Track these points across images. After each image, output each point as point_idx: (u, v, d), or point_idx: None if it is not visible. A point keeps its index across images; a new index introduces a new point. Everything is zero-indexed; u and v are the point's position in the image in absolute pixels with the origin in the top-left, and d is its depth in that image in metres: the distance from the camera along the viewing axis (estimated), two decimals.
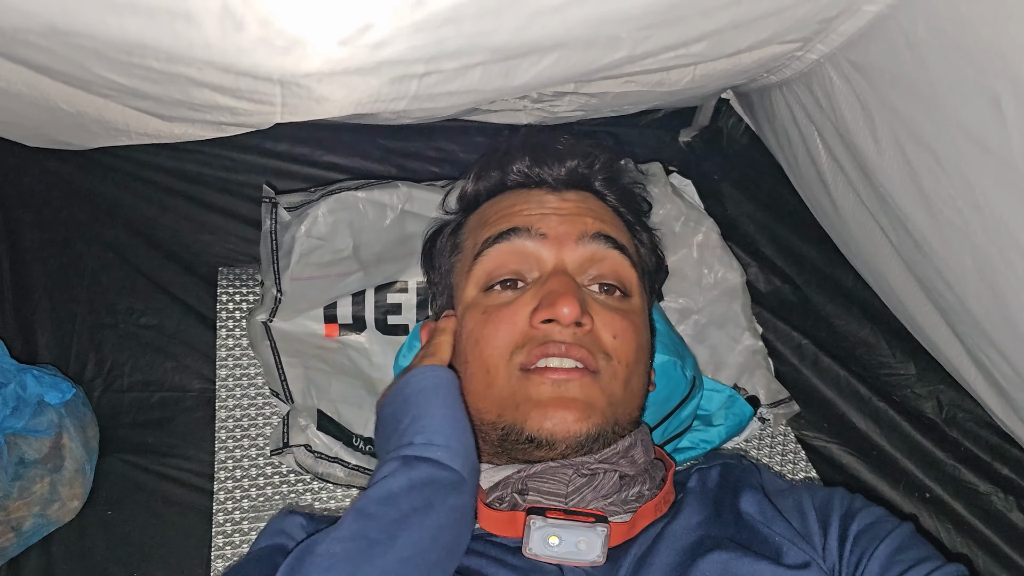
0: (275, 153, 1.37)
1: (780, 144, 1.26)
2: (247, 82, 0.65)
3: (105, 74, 0.68)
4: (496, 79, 0.72)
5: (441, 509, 0.73)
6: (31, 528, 1.02)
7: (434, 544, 0.71)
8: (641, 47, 0.73)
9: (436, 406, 0.81)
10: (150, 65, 0.64)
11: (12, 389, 1.02)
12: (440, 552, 0.71)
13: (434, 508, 0.72)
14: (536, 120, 1.19)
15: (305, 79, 0.63)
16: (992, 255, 0.80)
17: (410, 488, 0.73)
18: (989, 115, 0.69)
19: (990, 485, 1.23)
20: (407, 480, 0.73)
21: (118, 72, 0.67)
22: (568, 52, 0.71)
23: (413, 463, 0.75)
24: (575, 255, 0.89)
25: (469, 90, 0.73)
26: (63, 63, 0.68)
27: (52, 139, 0.99)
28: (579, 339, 0.82)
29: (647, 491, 0.84)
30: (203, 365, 1.22)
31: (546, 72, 0.73)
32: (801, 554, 0.75)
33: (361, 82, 0.65)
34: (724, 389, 1.20)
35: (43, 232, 1.26)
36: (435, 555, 0.70)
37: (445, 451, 0.76)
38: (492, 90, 0.74)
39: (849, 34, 0.84)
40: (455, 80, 0.70)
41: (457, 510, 0.74)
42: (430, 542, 0.70)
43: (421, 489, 0.73)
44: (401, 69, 0.65)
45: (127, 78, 0.68)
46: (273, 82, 0.64)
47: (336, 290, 1.20)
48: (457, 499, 0.75)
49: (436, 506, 0.72)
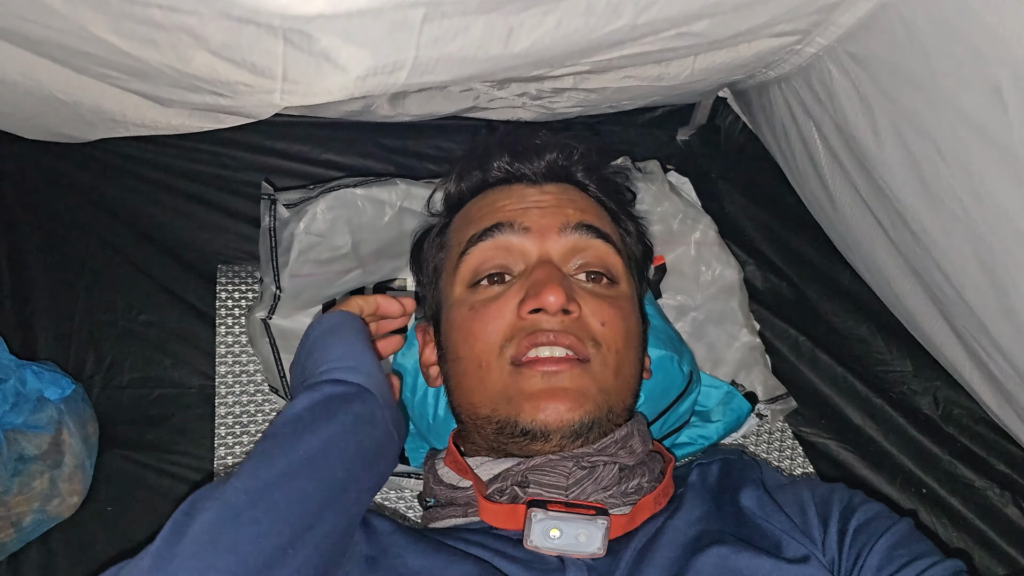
0: (273, 151, 1.37)
1: (777, 141, 1.27)
2: (249, 33, 0.64)
3: (106, 37, 0.67)
4: (496, 43, 0.71)
5: (341, 416, 0.74)
6: (31, 524, 1.02)
7: (334, 446, 0.71)
8: (643, 16, 0.72)
9: (334, 343, 0.82)
10: (152, 17, 0.63)
11: (12, 385, 1.02)
12: (343, 455, 0.71)
13: (335, 416, 0.73)
14: (535, 117, 1.20)
15: (308, 24, 0.63)
16: (992, 244, 0.81)
17: (312, 406, 0.74)
18: (990, 103, 0.70)
19: (986, 481, 1.23)
20: (309, 400, 0.75)
21: (119, 34, 0.66)
22: (569, 15, 0.70)
23: (315, 387, 0.76)
24: (559, 246, 0.89)
25: (469, 56, 0.72)
26: (62, 27, 0.67)
27: (49, 131, 0.99)
28: (567, 327, 0.83)
29: (647, 483, 0.84)
30: (202, 362, 1.22)
31: (546, 38, 0.72)
32: (801, 548, 0.76)
33: (362, 31, 0.64)
34: (722, 385, 1.20)
35: (42, 229, 1.26)
36: (337, 457, 0.71)
37: (344, 371, 0.78)
38: (492, 57, 0.73)
39: (848, 25, 0.84)
40: (455, 38, 0.69)
41: (359, 417, 0.75)
42: (328, 445, 0.71)
43: (323, 404, 0.74)
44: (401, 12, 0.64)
45: (127, 42, 0.67)
46: (275, 32, 0.64)
47: (335, 287, 1.20)
48: (360, 407, 0.76)
49: (336, 414, 0.74)
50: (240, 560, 0.60)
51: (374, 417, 0.77)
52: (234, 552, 0.61)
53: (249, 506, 0.64)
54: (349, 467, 0.71)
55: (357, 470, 0.73)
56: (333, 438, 0.71)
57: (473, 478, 0.84)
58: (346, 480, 0.71)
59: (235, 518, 0.63)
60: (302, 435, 0.70)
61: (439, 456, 0.92)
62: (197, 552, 0.60)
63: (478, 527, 0.83)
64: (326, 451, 0.70)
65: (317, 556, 0.66)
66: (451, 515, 0.86)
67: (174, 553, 0.59)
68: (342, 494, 0.70)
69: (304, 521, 0.65)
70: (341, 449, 0.71)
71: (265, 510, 0.64)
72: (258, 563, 0.61)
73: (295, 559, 0.63)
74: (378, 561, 0.76)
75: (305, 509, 0.66)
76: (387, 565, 0.76)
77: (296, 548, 0.64)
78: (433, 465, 0.92)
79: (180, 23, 0.65)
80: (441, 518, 0.87)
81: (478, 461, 0.86)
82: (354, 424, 0.74)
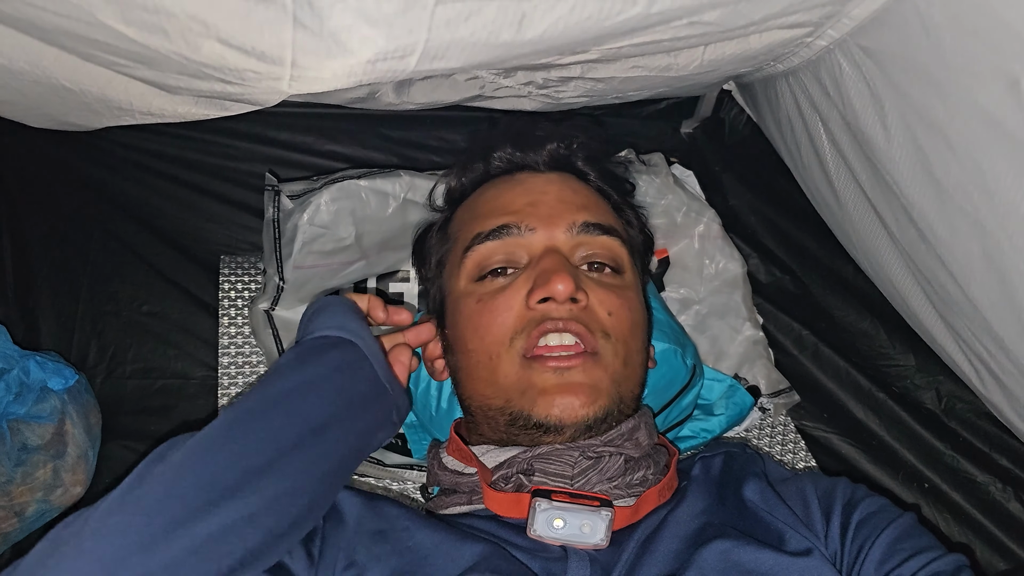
0: (277, 142, 1.37)
1: (783, 135, 1.26)
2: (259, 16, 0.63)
3: (114, 25, 0.66)
4: (508, 28, 0.70)
5: (320, 360, 0.76)
6: (34, 513, 1.02)
7: (310, 388, 0.74)
8: (656, 4, 0.72)
9: (324, 316, 0.84)
10: (160, 4, 0.63)
11: (15, 375, 1.02)
12: (321, 395, 0.74)
13: (313, 360, 0.76)
14: (540, 107, 1.19)
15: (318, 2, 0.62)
16: (1001, 240, 0.80)
17: (293, 356, 0.77)
18: (1006, 98, 0.69)
19: (988, 475, 1.24)
20: (291, 353, 0.78)
21: (127, 22, 0.66)
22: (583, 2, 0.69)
23: (299, 343, 0.80)
24: (564, 239, 0.89)
25: (481, 42, 0.71)
26: (71, 17, 0.67)
27: (55, 119, 0.98)
28: (575, 315, 0.83)
29: (651, 475, 0.84)
30: (205, 353, 1.22)
31: (560, 24, 0.71)
32: (803, 541, 0.76)
33: (374, 7, 0.63)
34: (725, 379, 1.20)
35: (46, 219, 1.25)
36: (314, 399, 0.73)
37: (328, 330, 0.80)
38: (503, 44, 0.73)
39: (861, 18, 0.83)
40: (467, 20, 0.68)
41: (340, 362, 0.77)
42: (304, 386, 0.74)
43: (303, 353, 0.78)
44: None
45: (136, 30, 0.67)
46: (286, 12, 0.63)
47: (338, 279, 1.20)
48: (339, 353, 0.78)
49: (315, 359, 0.76)
50: (212, 476, 0.64)
51: (357, 365, 0.79)
52: (206, 469, 0.64)
53: (222, 434, 0.67)
54: (329, 407, 0.74)
55: (340, 411, 0.74)
56: (309, 378, 0.74)
57: (478, 465, 0.84)
58: (327, 418, 0.73)
59: (209, 443, 0.66)
60: (279, 378, 0.74)
61: (443, 446, 0.93)
62: (169, 471, 0.63)
63: (482, 514, 0.83)
64: (303, 390, 0.73)
65: (300, 485, 0.69)
66: (456, 502, 0.86)
67: (150, 474, 0.63)
68: (322, 431, 0.72)
69: (278, 450, 0.68)
70: (319, 389, 0.74)
71: (237, 436, 0.67)
72: (230, 478, 0.64)
73: (271, 482, 0.66)
74: (386, 534, 0.78)
75: (279, 439, 0.68)
76: (395, 538, 0.77)
77: (271, 473, 0.66)
78: (437, 453, 0.92)
79: (190, 9, 0.64)
80: (446, 506, 0.87)
81: (483, 449, 0.86)
82: (333, 369, 0.76)
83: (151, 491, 0.62)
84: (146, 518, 0.60)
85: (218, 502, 0.62)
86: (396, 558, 0.74)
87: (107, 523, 0.59)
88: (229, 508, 0.62)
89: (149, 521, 0.60)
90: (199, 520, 0.61)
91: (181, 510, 0.61)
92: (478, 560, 0.73)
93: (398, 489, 1.14)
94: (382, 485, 1.14)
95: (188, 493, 0.62)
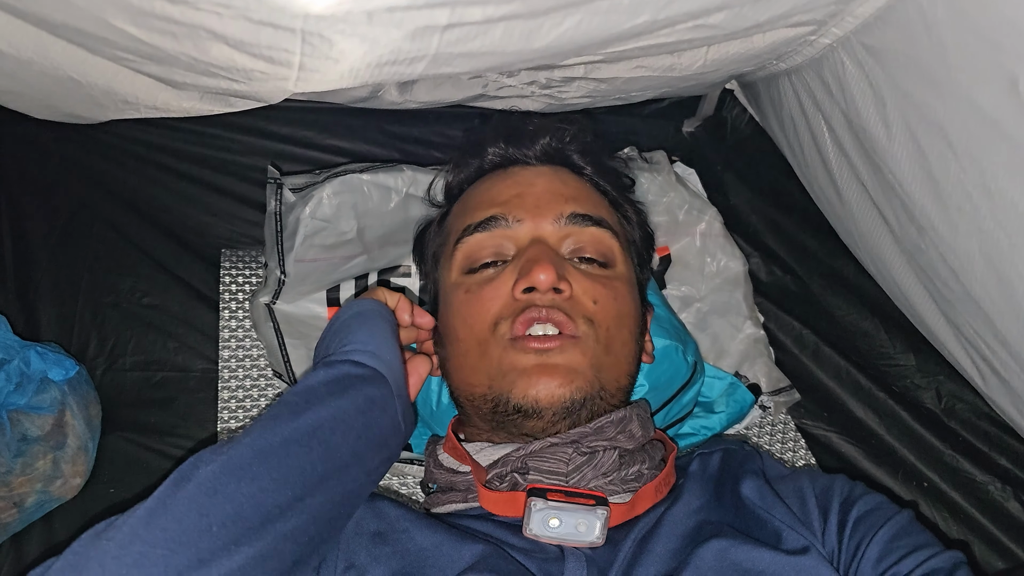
0: (279, 136, 1.37)
1: (785, 134, 1.26)
2: (267, 34, 0.64)
3: (124, 27, 0.67)
4: (517, 40, 0.71)
5: (353, 395, 0.74)
6: (33, 504, 1.02)
7: (341, 422, 0.72)
8: (664, 12, 0.73)
9: (360, 327, 0.83)
10: (170, 14, 0.63)
11: (16, 365, 1.02)
12: (349, 432, 0.72)
13: (346, 394, 0.74)
14: (542, 108, 1.19)
15: (328, 28, 0.62)
16: (1000, 240, 0.80)
17: (328, 381, 0.75)
18: (1005, 98, 0.69)
19: (988, 475, 1.24)
20: (325, 375, 0.76)
21: (137, 25, 0.66)
22: (591, 15, 0.70)
23: (334, 364, 0.77)
24: (552, 230, 0.90)
25: (488, 51, 0.72)
26: (82, 17, 0.67)
27: (59, 111, 0.99)
28: (558, 304, 0.84)
29: (646, 470, 0.84)
30: (205, 345, 1.22)
31: (567, 35, 0.72)
32: (800, 539, 0.76)
33: (383, 35, 0.64)
34: (725, 376, 1.20)
35: (46, 211, 1.25)
36: (343, 433, 0.71)
37: (364, 355, 0.79)
38: (512, 52, 0.73)
39: (865, 16, 0.84)
40: (476, 38, 0.69)
41: (371, 399, 0.76)
42: (336, 419, 0.72)
43: (337, 380, 0.75)
44: (425, 17, 0.64)
45: (146, 32, 0.67)
46: (294, 33, 0.63)
47: (339, 273, 1.20)
48: (373, 390, 0.76)
49: (348, 392, 0.74)
50: (238, 511, 0.61)
51: (385, 404, 0.77)
52: (232, 502, 0.61)
53: (253, 462, 0.65)
54: (354, 445, 0.72)
55: (362, 450, 0.73)
56: (342, 414, 0.72)
57: (472, 464, 0.84)
58: (349, 457, 0.71)
59: (238, 471, 0.63)
60: (312, 406, 0.71)
61: (440, 443, 0.93)
62: (197, 497, 0.61)
63: (478, 513, 0.84)
64: (333, 425, 0.71)
65: (312, 525, 0.67)
66: (451, 500, 0.86)
67: (176, 498, 0.60)
68: (344, 470, 0.71)
69: (304, 486, 0.66)
70: (348, 426, 0.72)
71: (267, 468, 0.65)
72: (255, 517, 0.62)
73: (290, 522, 0.64)
74: (386, 536, 0.77)
75: (306, 475, 0.67)
76: (394, 539, 0.77)
77: (293, 511, 0.65)
78: (434, 450, 0.92)
79: (200, 21, 0.65)
80: (442, 503, 0.87)
81: (478, 447, 0.86)
82: (365, 405, 0.75)
83: (175, 522, 0.59)
84: (169, 552, 0.57)
85: (240, 542, 0.60)
86: (396, 559, 0.74)
87: (130, 551, 0.57)
88: (250, 548, 0.60)
89: (171, 556, 0.57)
90: (221, 560, 0.59)
91: (205, 549, 0.59)
92: (477, 560, 0.73)
93: (398, 483, 1.14)
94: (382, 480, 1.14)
95: (213, 529, 0.60)
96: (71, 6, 0.65)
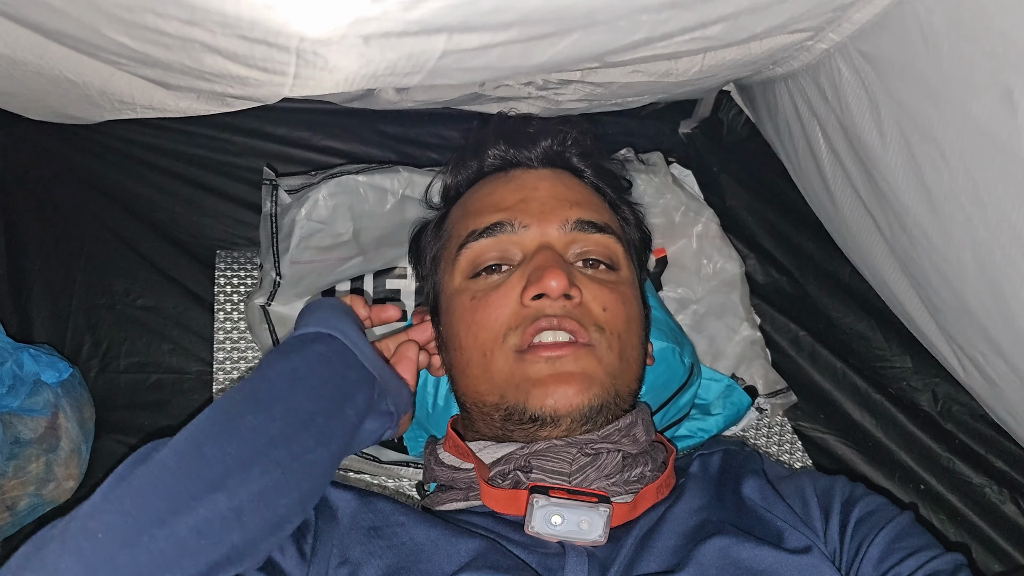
0: (275, 137, 1.36)
1: (780, 137, 1.26)
2: (262, 50, 0.64)
3: (117, 38, 0.67)
4: (514, 58, 0.72)
5: (300, 355, 0.76)
6: (26, 507, 1.02)
7: (294, 381, 0.73)
8: (660, 28, 0.73)
9: (309, 316, 0.84)
10: (164, 29, 0.63)
11: (9, 367, 1.01)
12: (305, 391, 0.73)
13: (292, 356, 0.75)
14: (538, 110, 1.19)
15: (324, 48, 0.62)
16: (993, 250, 0.80)
17: (277, 353, 0.76)
18: (1000, 109, 0.69)
19: (984, 477, 1.23)
20: (276, 351, 0.77)
21: (131, 36, 0.66)
22: (588, 34, 0.70)
23: (284, 341, 0.80)
24: (558, 235, 0.90)
25: (485, 67, 0.72)
26: (75, 26, 0.67)
27: (56, 112, 0.98)
28: (569, 312, 0.83)
29: (649, 472, 0.84)
30: (200, 348, 1.22)
31: (564, 53, 0.73)
32: (802, 539, 0.76)
33: (379, 55, 0.65)
34: (722, 378, 1.20)
35: (40, 212, 1.25)
36: (298, 392, 0.72)
37: (311, 326, 0.80)
38: (508, 67, 0.74)
39: (862, 23, 0.83)
40: (472, 60, 0.70)
41: (319, 353, 0.77)
42: (288, 380, 0.73)
43: (283, 348, 0.77)
44: (422, 43, 0.64)
45: (140, 43, 0.67)
46: (289, 52, 0.63)
47: (335, 275, 1.20)
48: (321, 347, 0.78)
49: (294, 354, 0.76)
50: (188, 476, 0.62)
51: (341, 355, 0.78)
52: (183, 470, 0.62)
53: (203, 434, 0.65)
54: (313, 399, 0.73)
55: (324, 403, 0.73)
56: (293, 372, 0.74)
57: (475, 461, 0.84)
58: (311, 411, 0.72)
59: (190, 444, 0.64)
60: (260, 374, 0.73)
61: (439, 442, 0.93)
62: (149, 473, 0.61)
63: (479, 510, 0.83)
64: (285, 383, 0.72)
65: (283, 481, 0.67)
66: (452, 498, 0.86)
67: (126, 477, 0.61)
68: (308, 424, 0.71)
69: (262, 442, 0.67)
70: (302, 381, 0.73)
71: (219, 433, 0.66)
72: (210, 477, 0.62)
73: (255, 479, 0.64)
74: (381, 530, 0.77)
75: (265, 432, 0.67)
76: (390, 534, 0.77)
77: (254, 467, 0.65)
78: (434, 449, 0.92)
79: (194, 36, 0.65)
80: (442, 502, 0.87)
81: (480, 445, 0.86)
82: (317, 360, 0.76)
83: (133, 489, 0.60)
84: (129, 515, 0.58)
85: (201, 496, 0.60)
86: (391, 554, 0.74)
87: (89, 521, 0.58)
88: (214, 502, 0.61)
89: (133, 517, 0.58)
90: (183, 514, 0.59)
91: (165, 505, 0.59)
92: (474, 556, 0.73)
93: (394, 486, 1.14)
94: (377, 482, 1.14)
95: (171, 488, 0.60)
96: (65, 15, 0.65)
